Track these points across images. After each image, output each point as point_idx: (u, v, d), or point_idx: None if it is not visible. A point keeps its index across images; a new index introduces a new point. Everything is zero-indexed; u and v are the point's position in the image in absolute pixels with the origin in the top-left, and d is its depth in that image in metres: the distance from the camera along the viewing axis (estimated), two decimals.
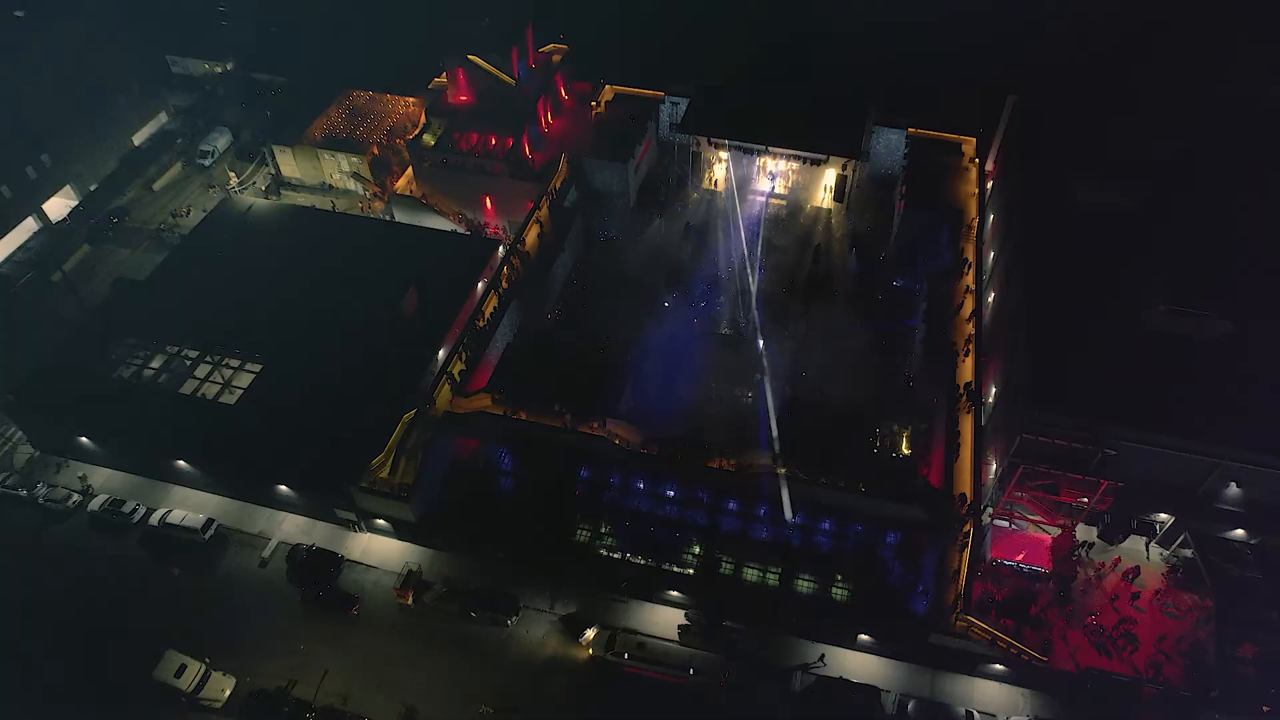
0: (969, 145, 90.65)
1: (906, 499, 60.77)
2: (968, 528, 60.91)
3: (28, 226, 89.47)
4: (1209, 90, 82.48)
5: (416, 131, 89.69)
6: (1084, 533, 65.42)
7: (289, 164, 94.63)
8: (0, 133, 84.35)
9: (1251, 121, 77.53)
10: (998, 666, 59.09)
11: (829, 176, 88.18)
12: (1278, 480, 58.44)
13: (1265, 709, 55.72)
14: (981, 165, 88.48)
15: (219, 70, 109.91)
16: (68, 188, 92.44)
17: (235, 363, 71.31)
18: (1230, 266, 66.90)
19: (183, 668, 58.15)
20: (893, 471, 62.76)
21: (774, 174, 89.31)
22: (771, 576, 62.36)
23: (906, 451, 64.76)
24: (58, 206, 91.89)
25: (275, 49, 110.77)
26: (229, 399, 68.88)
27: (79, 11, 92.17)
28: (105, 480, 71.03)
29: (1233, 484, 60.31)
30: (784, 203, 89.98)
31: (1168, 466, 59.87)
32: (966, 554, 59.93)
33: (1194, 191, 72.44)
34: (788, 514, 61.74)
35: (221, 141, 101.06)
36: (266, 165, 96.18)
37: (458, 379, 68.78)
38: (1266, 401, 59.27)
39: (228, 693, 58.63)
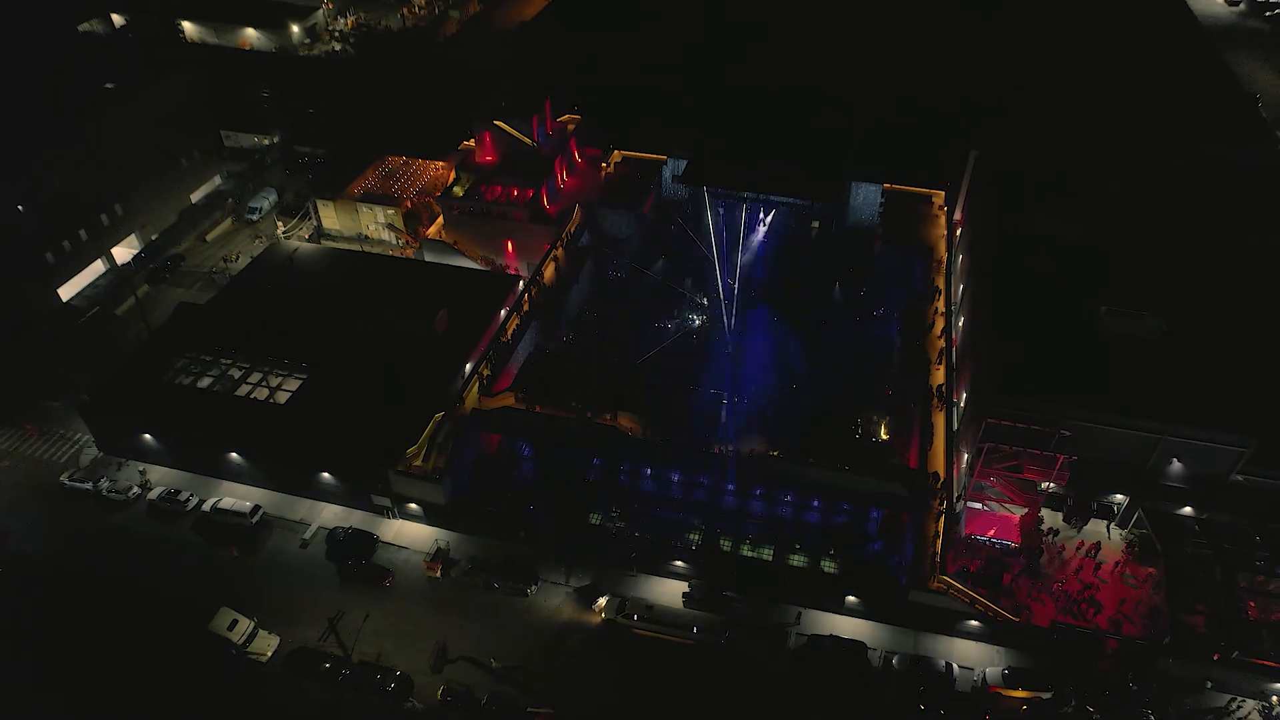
0: (939, 196, 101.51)
1: (887, 477, 68.03)
2: (942, 502, 68.12)
3: (96, 267, 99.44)
4: (1138, 145, 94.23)
5: (447, 184, 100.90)
6: (1051, 518, 72.48)
7: (330, 216, 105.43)
8: (83, 183, 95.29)
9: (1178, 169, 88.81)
10: (973, 623, 65.04)
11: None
12: (1212, 454, 66.01)
13: (1214, 657, 61.48)
14: (950, 212, 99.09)
15: (266, 143, 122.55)
16: (133, 236, 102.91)
17: (283, 372, 79.70)
18: (1161, 278, 76.63)
19: (234, 623, 64.30)
20: (873, 454, 70.13)
21: (764, 219, 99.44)
22: (766, 550, 69.07)
23: (885, 437, 72.29)
24: (123, 252, 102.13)
25: (315, 125, 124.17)
26: (280, 400, 77.03)
27: (154, 88, 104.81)
28: (160, 477, 78.22)
29: (1175, 460, 67.77)
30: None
31: (1116, 444, 67.52)
32: (942, 522, 66.90)
33: (1129, 222, 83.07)
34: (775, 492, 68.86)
35: (268, 201, 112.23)
36: (310, 218, 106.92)
37: (485, 382, 76.97)
38: (1197, 386, 67.70)
39: (272, 649, 64.51)
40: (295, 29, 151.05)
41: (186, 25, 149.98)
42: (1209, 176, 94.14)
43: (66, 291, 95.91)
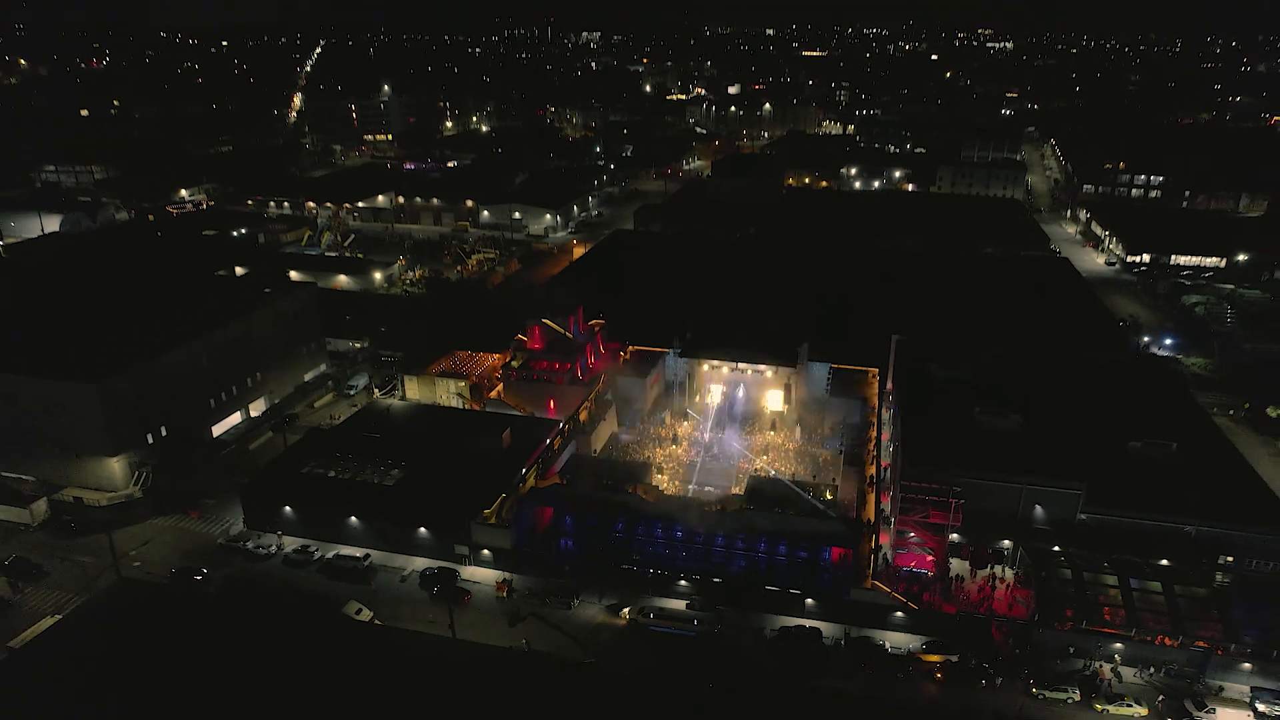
0: (873, 373, 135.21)
1: (832, 516, 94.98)
2: (871, 537, 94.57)
3: (234, 419, 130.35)
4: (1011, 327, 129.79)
5: (506, 361, 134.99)
6: (958, 565, 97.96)
7: (413, 388, 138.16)
8: (236, 359, 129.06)
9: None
10: (899, 614, 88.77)
11: (777, 393, 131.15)
12: (1059, 498, 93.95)
13: (1067, 626, 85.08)
14: (882, 381, 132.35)
15: (358, 346, 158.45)
16: (262, 399, 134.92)
17: (387, 468, 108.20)
18: (1021, 399, 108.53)
19: (359, 610, 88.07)
20: (820, 507, 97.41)
21: (742, 383, 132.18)
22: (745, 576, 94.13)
23: (829, 498, 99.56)
24: (256, 408, 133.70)
25: (392, 337, 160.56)
26: (388, 482, 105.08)
27: (284, 297, 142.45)
28: (289, 542, 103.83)
29: (1037, 506, 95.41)
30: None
31: (994, 496, 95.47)
32: (873, 542, 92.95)
33: (999, 371, 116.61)
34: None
35: (361, 383, 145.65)
36: (397, 390, 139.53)
37: (538, 473, 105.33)
38: (1043, 456, 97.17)
39: None
40: (378, 276, 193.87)
41: (293, 273, 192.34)
42: (1063, 354, 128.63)
43: (217, 429, 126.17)
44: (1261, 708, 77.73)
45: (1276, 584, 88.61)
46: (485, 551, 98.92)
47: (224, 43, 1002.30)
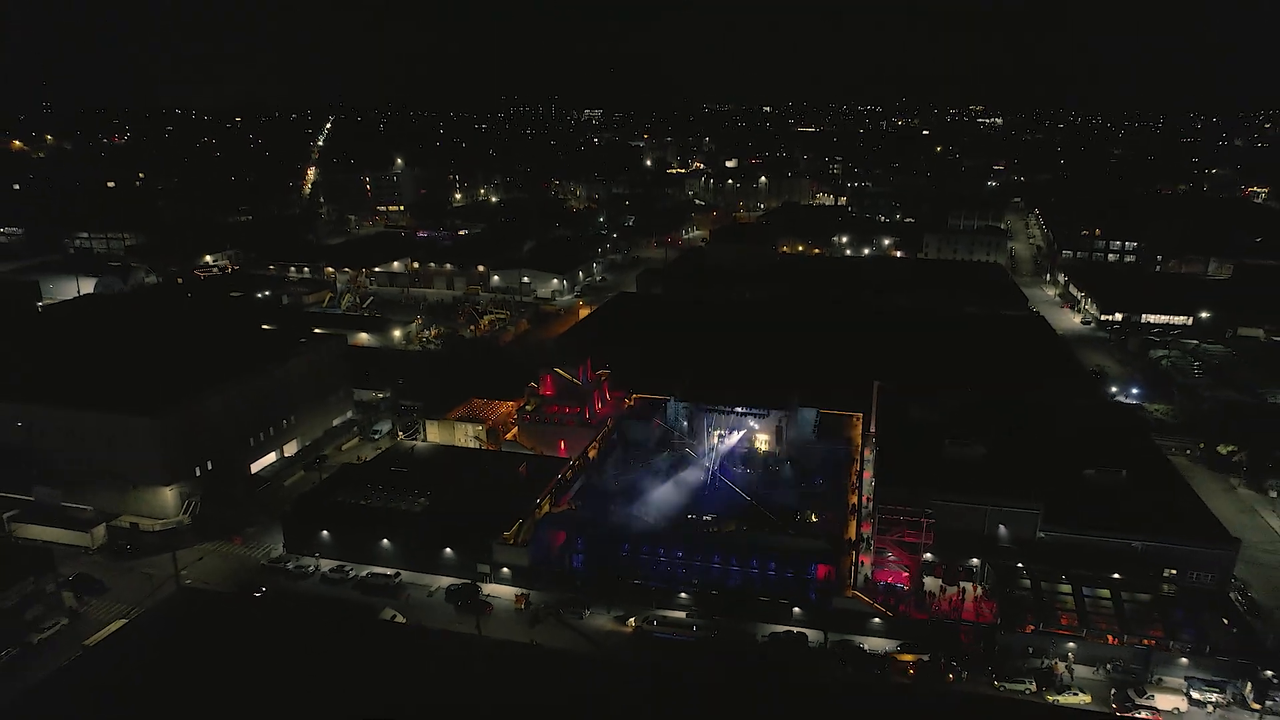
0: (857, 418, 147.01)
1: (816, 537, 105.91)
2: (851, 554, 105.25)
3: (270, 458, 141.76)
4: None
5: (521, 405, 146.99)
6: (931, 583, 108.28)
7: (434, 432, 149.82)
8: (273, 403, 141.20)
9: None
10: (876, 621, 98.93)
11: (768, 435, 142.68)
12: (1019, 517, 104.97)
13: (1029, 629, 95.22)
14: (865, 424, 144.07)
15: (380, 396, 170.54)
16: (294, 441, 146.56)
17: (414, 497, 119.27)
18: (986, 431, 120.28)
19: (394, 615, 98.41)
20: (808, 527, 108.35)
21: (736, 426, 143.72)
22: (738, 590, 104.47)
23: (814, 519, 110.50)
24: (288, 449, 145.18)
25: (411, 387, 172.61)
26: (415, 509, 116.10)
27: (314, 347, 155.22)
28: (326, 564, 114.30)
29: (1001, 526, 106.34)
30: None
31: (962, 517, 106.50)
32: (853, 558, 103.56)
33: (973, 409, 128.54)
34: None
35: (385, 426, 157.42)
36: (419, 434, 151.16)
37: (552, 499, 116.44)
38: (1005, 481, 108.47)
39: None
40: (397, 333, 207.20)
41: (317, 330, 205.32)
42: (1033, 397, 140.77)
43: (255, 466, 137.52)
44: (1195, 694, 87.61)
45: (1213, 592, 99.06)
46: (505, 570, 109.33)
47: (237, 119, 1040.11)
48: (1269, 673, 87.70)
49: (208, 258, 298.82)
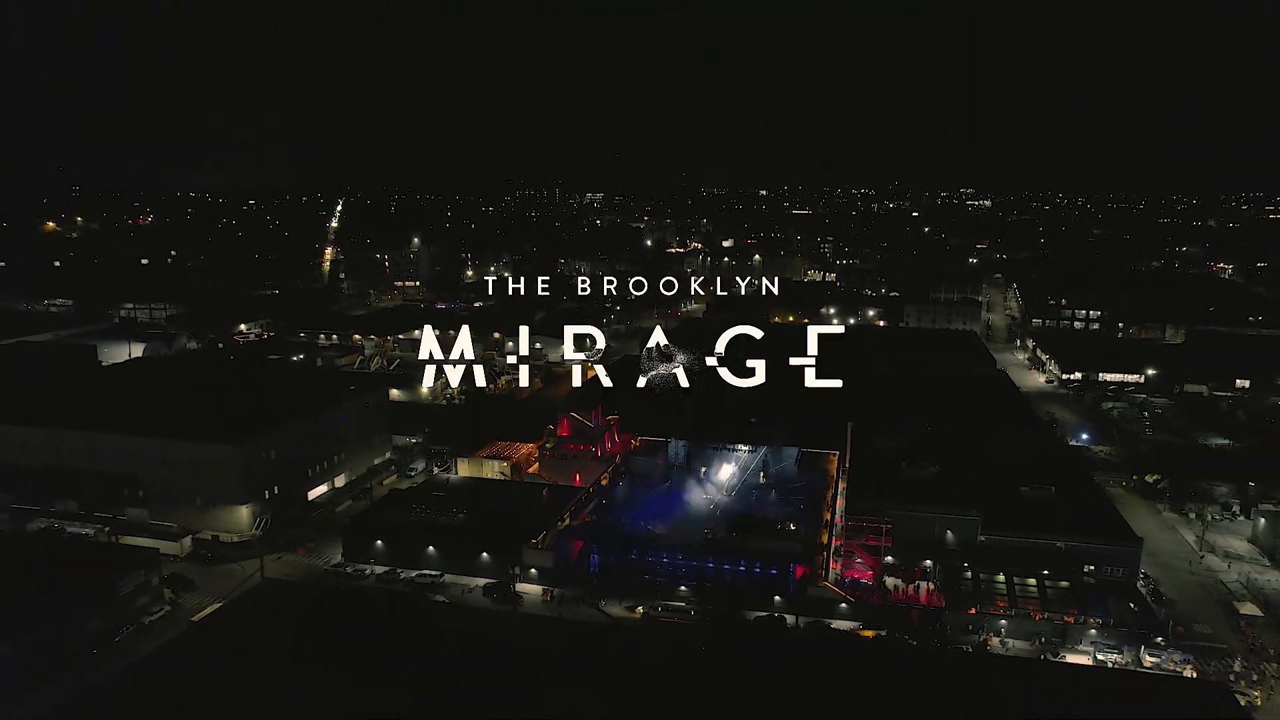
0: (834, 455, 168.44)
1: (795, 541, 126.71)
2: (822, 555, 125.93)
3: (323, 488, 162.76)
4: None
5: (541, 444, 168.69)
6: (892, 582, 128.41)
7: (464, 467, 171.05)
8: (328, 440, 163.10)
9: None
10: (843, 606, 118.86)
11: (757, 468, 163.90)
12: (963, 523, 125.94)
13: (971, 611, 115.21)
14: (841, 459, 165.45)
15: (414, 441, 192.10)
16: (343, 474, 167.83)
17: (454, 513, 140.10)
18: (939, 457, 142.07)
19: (442, 600, 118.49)
20: (789, 534, 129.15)
21: (730, 461, 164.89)
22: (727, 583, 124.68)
23: (793, 528, 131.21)
24: (338, 481, 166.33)
25: (440, 434, 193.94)
26: (456, 522, 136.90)
27: (359, 399, 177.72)
28: (378, 569, 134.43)
29: (949, 531, 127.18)
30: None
31: (917, 525, 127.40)
32: (823, 558, 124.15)
33: (930, 441, 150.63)
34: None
35: (421, 464, 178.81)
36: (452, 470, 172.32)
37: (571, 516, 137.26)
38: (952, 495, 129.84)
39: None
40: (424, 390, 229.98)
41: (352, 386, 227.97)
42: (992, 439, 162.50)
43: (311, 494, 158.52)
44: (1100, 657, 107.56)
45: (1123, 583, 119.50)
46: (533, 570, 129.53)
47: (251, 201, 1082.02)
48: (1160, 639, 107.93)
49: (242, 325, 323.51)
